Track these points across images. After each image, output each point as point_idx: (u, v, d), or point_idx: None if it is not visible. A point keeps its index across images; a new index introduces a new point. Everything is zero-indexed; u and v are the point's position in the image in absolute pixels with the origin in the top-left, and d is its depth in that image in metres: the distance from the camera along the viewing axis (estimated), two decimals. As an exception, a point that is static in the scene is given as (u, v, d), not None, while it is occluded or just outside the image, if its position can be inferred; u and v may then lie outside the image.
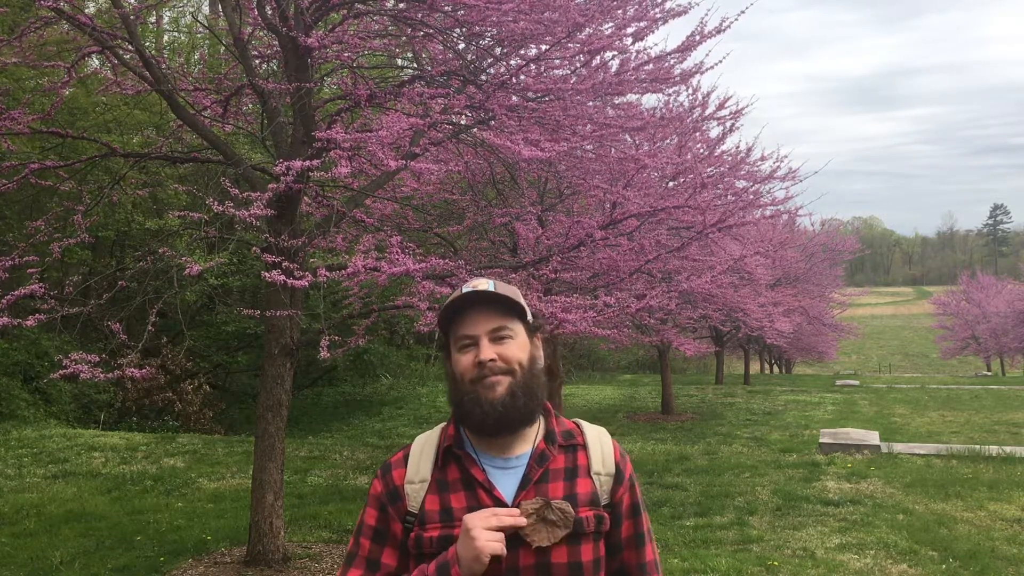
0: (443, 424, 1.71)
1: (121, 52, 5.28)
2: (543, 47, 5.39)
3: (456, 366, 1.62)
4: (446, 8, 5.25)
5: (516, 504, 1.57)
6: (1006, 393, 20.66)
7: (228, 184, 4.80)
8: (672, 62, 6.19)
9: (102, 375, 4.27)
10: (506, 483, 1.61)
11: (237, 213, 4.20)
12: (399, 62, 7.73)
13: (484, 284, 1.63)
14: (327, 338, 4.65)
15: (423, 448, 1.67)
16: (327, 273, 4.54)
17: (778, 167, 12.85)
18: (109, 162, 9.20)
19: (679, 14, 5.72)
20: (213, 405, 15.21)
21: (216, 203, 4.24)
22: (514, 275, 6.40)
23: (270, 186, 4.43)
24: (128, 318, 9.37)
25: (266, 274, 4.32)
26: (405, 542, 1.63)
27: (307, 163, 4.38)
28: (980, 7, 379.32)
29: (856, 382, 26.16)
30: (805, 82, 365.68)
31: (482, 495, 1.59)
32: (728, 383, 24.11)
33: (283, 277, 4.27)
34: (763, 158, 14.75)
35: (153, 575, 5.48)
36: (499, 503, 1.58)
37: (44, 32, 5.58)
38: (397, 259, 4.46)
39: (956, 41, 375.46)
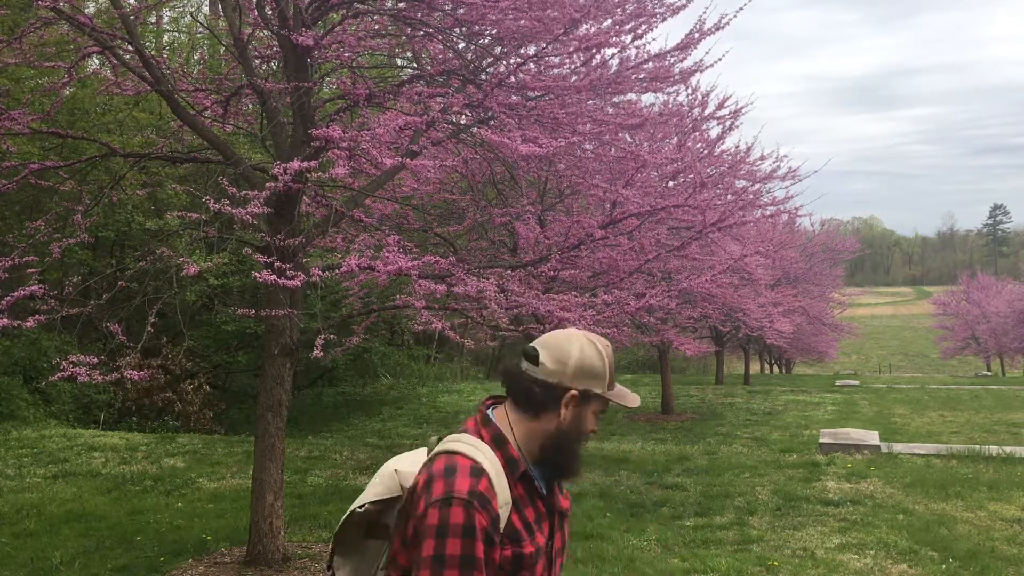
0: (482, 444, 1.74)
1: (121, 52, 5.28)
2: (542, 45, 5.39)
3: (586, 423, 1.79)
4: (445, 7, 5.25)
5: (563, 510, 1.86)
6: (1006, 393, 20.65)
7: (226, 183, 4.79)
8: (672, 60, 6.19)
9: (100, 377, 4.27)
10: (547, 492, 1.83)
11: (233, 212, 4.19)
12: (399, 62, 7.73)
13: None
14: (323, 337, 4.65)
15: (497, 472, 1.71)
16: (320, 273, 4.53)
17: (778, 166, 12.87)
18: (109, 162, 9.21)
19: (677, 11, 5.72)
20: (213, 405, 15.20)
21: (212, 201, 4.24)
22: (513, 274, 6.40)
23: (267, 185, 4.42)
24: (128, 318, 9.37)
25: (257, 274, 4.32)
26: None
27: (304, 164, 4.38)
28: (980, 7, 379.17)
29: (856, 382, 26.15)
30: (805, 82, 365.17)
31: (541, 506, 1.79)
32: (728, 383, 24.11)
33: (274, 277, 4.27)
34: (763, 157, 14.78)
35: (153, 575, 5.48)
36: (558, 511, 1.83)
37: (44, 32, 5.57)
38: (391, 257, 4.45)
39: (956, 41, 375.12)
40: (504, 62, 5.56)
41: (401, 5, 5.80)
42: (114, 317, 6.10)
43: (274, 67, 6.25)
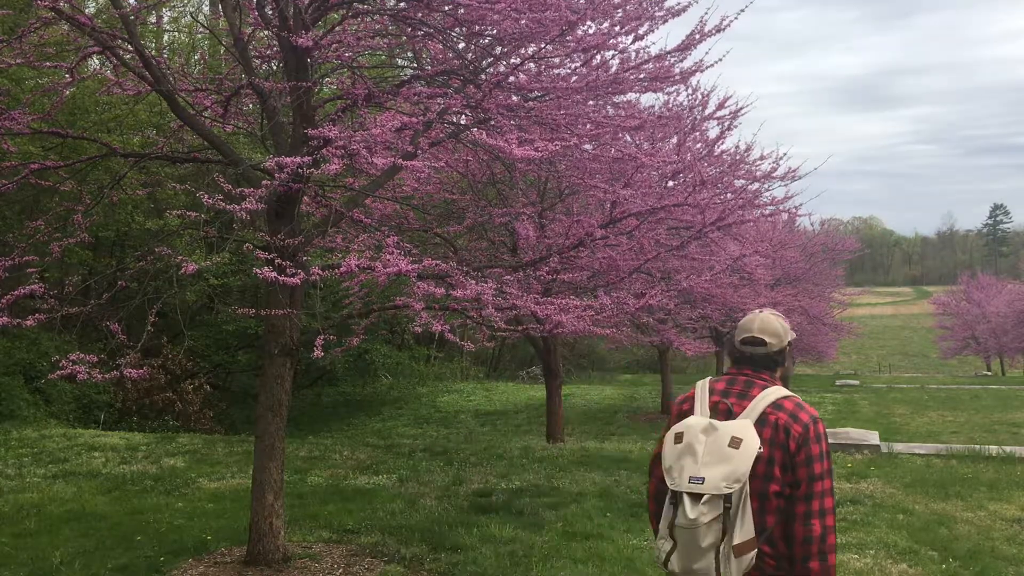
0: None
1: (121, 52, 5.28)
2: (541, 46, 5.39)
3: None
4: (445, 7, 5.25)
5: None
6: (1006, 393, 20.66)
7: (222, 180, 4.78)
8: (672, 60, 6.19)
9: (99, 375, 4.26)
10: None
11: (229, 207, 4.18)
12: (399, 62, 7.73)
13: None
14: (323, 337, 4.65)
15: None
16: (321, 271, 4.53)
17: (777, 166, 12.86)
18: (109, 162, 9.20)
19: (677, 13, 5.71)
20: (213, 405, 15.23)
21: (207, 196, 4.23)
22: (513, 275, 6.40)
23: (264, 182, 4.42)
24: (128, 318, 9.37)
25: (258, 270, 4.31)
26: None
27: (299, 160, 4.37)
28: (978, 6, 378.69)
29: (856, 382, 26.17)
30: (803, 82, 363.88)
31: None
32: (728, 383, 24.06)
33: (275, 274, 4.27)
34: (762, 157, 14.77)
35: (153, 575, 5.48)
36: None
37: (44, 32, 5.57)
38: (391, 259, 4.45)
39: (954, 40, 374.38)
40: (504, 62, 5.56)
41: (401, 5, 5.80)
42: (114, 317, 6.10)
43: (274, 67, 6.24)
